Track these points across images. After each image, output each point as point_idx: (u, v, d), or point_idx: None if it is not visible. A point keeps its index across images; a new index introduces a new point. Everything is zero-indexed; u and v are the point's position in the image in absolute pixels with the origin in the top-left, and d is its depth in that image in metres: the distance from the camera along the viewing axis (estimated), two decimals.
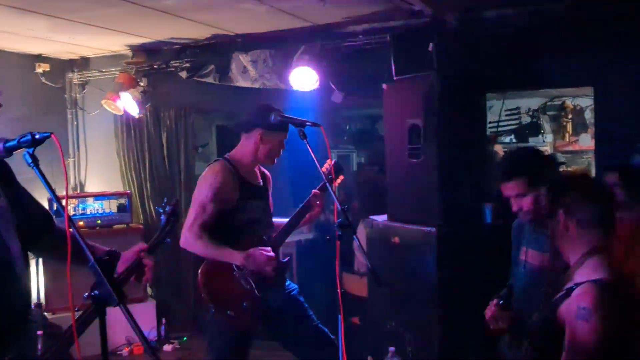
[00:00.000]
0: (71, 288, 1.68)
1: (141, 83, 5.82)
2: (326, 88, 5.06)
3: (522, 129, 6.96)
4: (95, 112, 6.28)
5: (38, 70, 6.06)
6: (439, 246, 3.90)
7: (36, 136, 1.81)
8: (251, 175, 3.52)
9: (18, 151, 1.87)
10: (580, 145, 6.83)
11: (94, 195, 5.93)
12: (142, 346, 5.19)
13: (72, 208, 5.68)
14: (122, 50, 5.90)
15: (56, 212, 5.27)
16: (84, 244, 1.76)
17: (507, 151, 5.61)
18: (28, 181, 2.22)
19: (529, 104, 7.00)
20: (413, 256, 4.07)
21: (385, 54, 4.69)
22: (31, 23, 4.74)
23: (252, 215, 3.44)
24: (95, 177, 6.55)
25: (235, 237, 3.35)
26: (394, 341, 3.82)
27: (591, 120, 6.28)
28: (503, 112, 6.74)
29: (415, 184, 4.17)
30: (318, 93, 5.14)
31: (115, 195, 5.96)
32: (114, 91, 5.72)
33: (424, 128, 4.05)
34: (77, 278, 1.75)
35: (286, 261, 3.53)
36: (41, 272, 5.39)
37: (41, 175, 1.82)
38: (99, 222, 5.78)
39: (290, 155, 3.78)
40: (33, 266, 5.10)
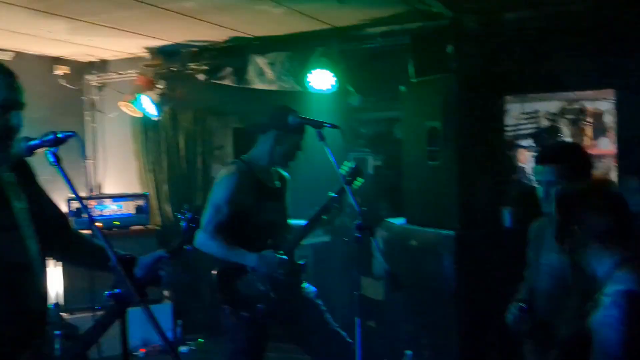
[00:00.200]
0: (90, 289, 1.68)
1: (159, 85, 5.84)
2: (343, 90, 5.05)
3: (540, 133, 6.89)
4: (113, 114, 6.32)
5: (57, 72, 6.11)
6: (457, 250, 3.86)
7: (59, 135, 1.81)
8: (267, 176, 3.51)
9: (39, 151, 1.87)
10: (599, 149, 6.74)
11: (112, 196, 5.96)
12: (161, 346, 5.22)
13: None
14: (140, 52, 5.93)
15: (75, 213, 5.39)
16: (105, 243, 1.76)
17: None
18: (45, 182, 2.22)
19: (548, 107, 6.92)
20: (431, 260, 4.04)
21: (402, 57, 4.66)
22: (51, 25, 4.78)
23: (267, 217, 3.43)
24: (113, 179, 6.58)
25: (249, 239, 3.35)
26: (411, 345, 3.80)
27: (611, 123, 6.20)
28: (521, 116, 6.67)
29: (433, 187, 4.14)
30: (334, 95, 5.13)
31: (133, 196, 5.98)
32: (132, 93, 5.76)
33: (443, 130, 4.02)
34: (95, 279, 1.75)
35: (302, 264, 3.52)
36: (59, 273, 5.41)
37: (64, 174, 1.81)
38: (117, 223, 5.80)
39: (307, 157, 3.77)
40: (51, 267, 5.12)
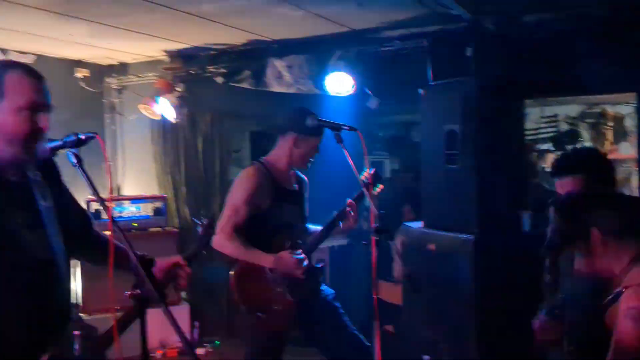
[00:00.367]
0: (111, 289, 1.69)
1: (178, 88, 5.89)
2: (361, 94, 5.04)
3: (560, 137, 6.83)
4: (132, 117, 6.36)
5: (77, 75, 6.16)
6: (476, 254, 3.82)
7: (81, 136, 1.82)
8: (286, 179, 3.52)
9: (60, 152, 1.89)
10: (620, 153, 6.67)
11: (131, 198, 5.99)
12: (180, 346, 5.24)
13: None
14: (160, 55, 5.97)
15: (94, 214, 5.42)
16: (126, 244, 1.76)
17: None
18: (65, 183, 2.24)
19: (567, 111, 6.86)
20: (449, 264, 4.00)
21: (421, 59, 4.65)
22: (72, 28, 4.82)
23: (285, 219, 3.44)
24: (131, 181, 6.62)
25: (267, 241, 3.36)
26: (429, 350, 3.77)
27: (632, 127, 6.13)
28: (541, 120, 6.62)
29: (451, 191, 4.10)
30: (352, 99, 5.12)
31: (151, 198, 6.01)
32: (151, 96, 5.80)
33: (462, 134, 4.00)
34: (115, 280, 1.76)
35: (320, 266, 3.52)
36: (79, 273, 5.45)
37: (85, 175, 1.82)
38: (135, 225, 5.83)
39: (325, 160, 3.77)
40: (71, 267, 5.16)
